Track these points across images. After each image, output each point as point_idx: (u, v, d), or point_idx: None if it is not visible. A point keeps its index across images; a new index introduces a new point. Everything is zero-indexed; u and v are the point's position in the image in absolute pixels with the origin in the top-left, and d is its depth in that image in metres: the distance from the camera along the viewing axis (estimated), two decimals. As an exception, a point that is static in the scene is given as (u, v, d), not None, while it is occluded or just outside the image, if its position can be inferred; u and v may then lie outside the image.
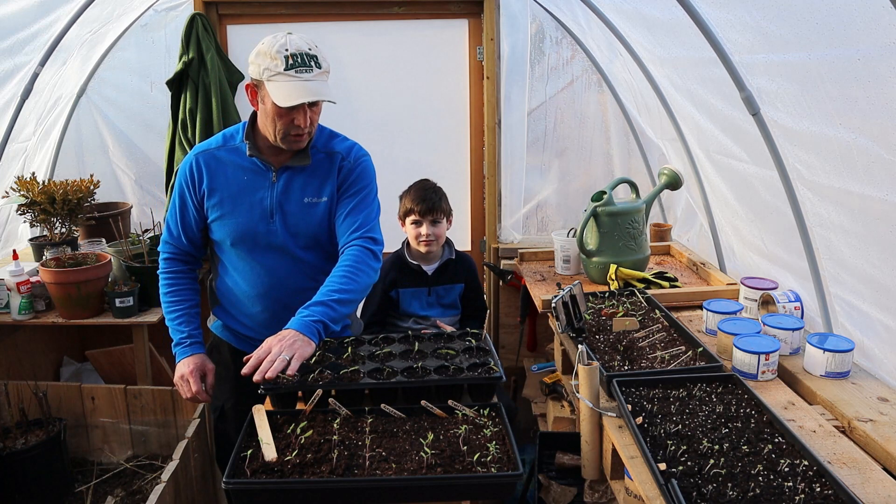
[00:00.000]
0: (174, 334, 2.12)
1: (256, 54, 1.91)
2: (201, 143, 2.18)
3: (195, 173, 2.07)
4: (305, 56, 1.87)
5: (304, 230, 2.08)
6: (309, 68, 1.87)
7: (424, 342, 2.04)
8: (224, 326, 2.24)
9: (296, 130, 1.94)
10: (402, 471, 1.48)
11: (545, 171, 3.61)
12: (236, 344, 2.21)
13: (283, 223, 2.06)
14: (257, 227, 2.05)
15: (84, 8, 2.79)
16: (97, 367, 3.15)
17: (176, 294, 2.16)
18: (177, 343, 2.11)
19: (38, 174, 3.14)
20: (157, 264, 2.79)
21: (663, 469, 1.35)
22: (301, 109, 1.90)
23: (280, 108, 1.88)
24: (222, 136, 2.14)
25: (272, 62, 1.86)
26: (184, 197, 2.10)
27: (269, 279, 2.10)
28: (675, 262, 3.01)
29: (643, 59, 2.87)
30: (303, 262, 2.11)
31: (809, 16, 1.63)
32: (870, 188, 1.69)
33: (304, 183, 2.07)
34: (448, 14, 3.47)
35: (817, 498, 1.26)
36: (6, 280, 2.67)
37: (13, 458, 2.46)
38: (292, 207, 2.06)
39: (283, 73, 1.85)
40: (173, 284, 2.16)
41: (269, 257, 2.09)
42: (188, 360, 2.08)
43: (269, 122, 1.95)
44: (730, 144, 2.41)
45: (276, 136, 1.97)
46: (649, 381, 1.72)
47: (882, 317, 1.82)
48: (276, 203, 2.05)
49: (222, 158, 2.07)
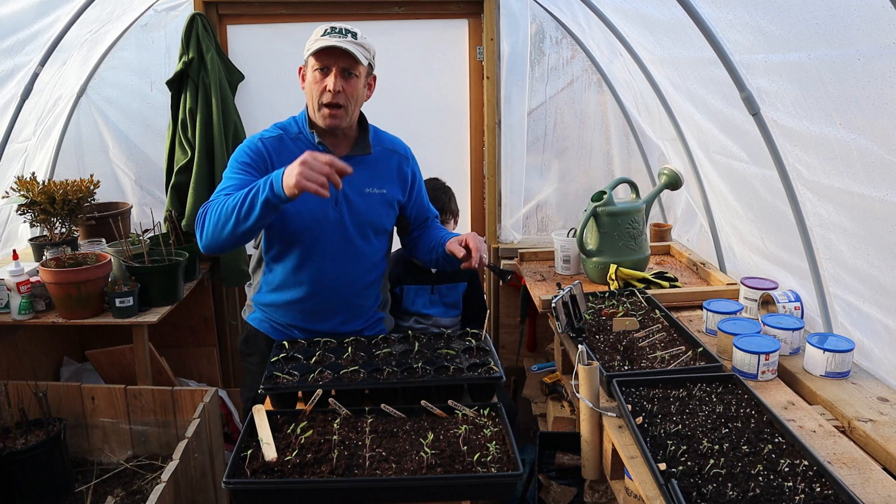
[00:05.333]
0: (251, 189, 1.81)
1: (307, 41, 2.04)
2: (256, 133, 2.14)
3: (264, 154, 2.06)
4: (345, 29, 2.01)
5: (367, 219, 2.13)
6: (343, 36, 1.98)
7: (424, 342, 2.04)
8: (264, 318, 2.24)
9: (326, 96, 1.99)
10: (402, 471, 1.48)
11: (545, 171, 3.61)
12: (273, 335, 2.22)
13: (348, 210, 2.10)
14: (324, 214, 2.08)
15: (84, 8, 2.79)
16: (97, 367, 3.15)
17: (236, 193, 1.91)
18: (262, 181, 1.80)
19: (38, 174, 3.14)
20: (158, 264, 2.82)
21: (663, 469, 1.35)
22: (332, 73, 1.99)
23: (315, 73, 2.00)
24: (277, 127, 2.14)
25: (316, 35, 2.01)
26: (249, 170, 2.02)
27: (327, 268, 2.11)
28: (675, 262, 3.01)
29: (643, 59, 2.87)
30: (361, 252, 2.15)
31: (809, 16, 1.63)
32: (870, 188, 1.69)
33: (366, 173, 2.13)
34: (448, 14, 3.47)
35: (817, 498, 1.26)
36: (6, 280, 2.67)
37: (13, 458, 2.45)
38: (355, 196, 2.11)
39: (321, 38, 1.99)
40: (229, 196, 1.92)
41: (330, 245, 2.11)
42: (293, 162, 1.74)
43: (308, 93, 2.05)
44: (730, 144, 2.41)
45: (314, 110, 2.04)
46: (649, 381, 1.72)
47: (882, 317, 1.82)
48: (341, 191, 2.07)
49: (287, 146, 2.09)
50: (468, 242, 2.04)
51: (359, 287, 2.16)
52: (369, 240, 2.16)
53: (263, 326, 2.25)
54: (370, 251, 2.17)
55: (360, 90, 2.05)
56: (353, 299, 2.18)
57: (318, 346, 2.02)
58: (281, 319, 2.22)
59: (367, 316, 2.26)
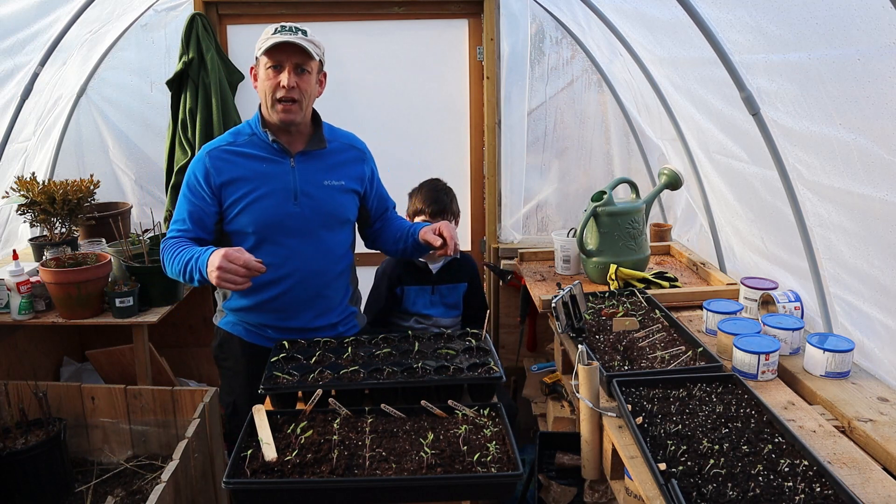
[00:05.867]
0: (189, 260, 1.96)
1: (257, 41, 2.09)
2: (209, 142, 2.21)
3: (209, 169, 2.11)
4: (294, 27, 2.06)
5: (329, 210, 2.17)
6: (294, 33, 2.04)
7: (424, 342, 2.04)
8: (237, 321, 2.25)
9: (281, 92, 2.03)
10: (402, 471, 1.48)
11: (545, 171, 3.61)
12: (247, 337, 2.23)
13: (309, 204, 2.14)
14: (283, 210, 2.11)
15: (84, 8, 2.79)
16: (97, 367, 3.15)
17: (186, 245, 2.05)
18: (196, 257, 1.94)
19: (38, 174, 3.14)
20: (158, 264, 2.81)
21: (663, 469, 1.35)
22: (285, 70, 2.03)
23: (267, 71, 2.05)
24: (230, 134, 2.20)
25: (266, 35, 2.06)
26: (198, 194, 2.11)
27: (293, 262, 2.14)
28: (675, 262, 3.01)
29: (643, 59, 2.87)
30: (327, 244, 2.19)
31: (809, 16, 1.63)
32: (870, 188, 1.69)
33: (323, 167, 2.18)
34: (448, 14, 3.47)
35: (817, 498, 1.26)
36: (6, 280, 2.67)
37: (13, 458, 2.45)
38: (315, 190, 2.15)
39: (272, 37, 2.04)
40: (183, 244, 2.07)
41: (294, 240, 2.14)
42: (217, 252, 1.88)
43: (261, 91, 2.09)
44: (730, 144, 2.41)
45: (268, 108, 2.09)
46: (649, 381, 1.72)
47: (882, 317, 1.82)
48: (298, 186, 2.13)
49: (236, 152, 2.13)
50: (442, 231, 2.13)
51: (327, 279, 2.20)
52: (333, 230, 2.21)
53: (236, 329, 2.26)
54: (335, 242, 2.22)
55: (312, 85, 2.11)
56: (323, 291, 2.21)
57: (318, 346, 2.03)
58: (253, 321, 2.23)
59: (339, 310, 2.28)
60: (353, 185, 2.24)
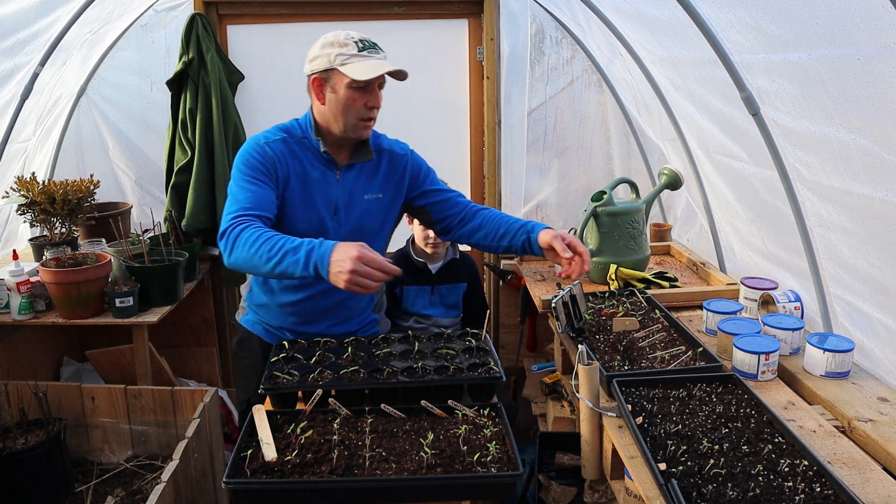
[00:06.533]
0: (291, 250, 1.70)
1: (322, 46, 1.95)
2: (258, 134, 2.05)
3: (276, 159, 1.98)
4: (371, 42, 1.96)
5: (364, 224, 2.11)
6: (377, 51, 1.96)
7: (424, 342, 2.04)
8: (257, 320, 2.24)
9: (368, 114, 1.96)
10: (402, 471, 1.48)
11: (545, 171, 3.61)
12: (266, 338, 2.22)
13: (345, 218, 2.08)
14: (322, 223, 2.05)
15: (84, 8, 2.79)
16: (97, 367, 3.15)
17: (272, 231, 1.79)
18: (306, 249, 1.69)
19: (38, 174, 3.14)
20: (158, 264, 2.82)
21: (663, 469, 1.35)
22: (374, 90, 1.95)
23: (354, 91, 1.92)
24: (280, 130, 2.06)
25: (343, 48, 1.91)
26: (263, 179, 1.95)
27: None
28: (675, 262, 3.01)
29: (643, 59, 2.87)
30: None
31: (809, 16, 1.63)
32: (870, 188, 1.69)
33: (365, 179, 2.11)
34: (448, 14, 3.47)
35: (817, 498, 1.26)
36: (6, 280, 2.67)
37: (13, 458, 2.45)
38: (355, 204, 2.09)
39: (358, 55, 1.91)
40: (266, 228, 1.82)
41: None
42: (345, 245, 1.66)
43: (340, 110, 1.96)
44: (730, 144, 2.41)
45: (344, 126, 1.98)
46: (649, 381, 1.72)
47: (882, 317, 1.82)
48: (342, 199, 2.06)
49: (293, 150, 2.03)
50: (575, 245, 1.95)
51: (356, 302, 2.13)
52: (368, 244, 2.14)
53: (256, 329, 2.25)
54: None
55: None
56: (347, 301, 2.18)
57: (318, 346, 2.02)
58: (273, 322, 2.22)
59: (360, 318, 2.25)
60: (393, 194, 2.17)
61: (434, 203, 2.20)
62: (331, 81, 1.95)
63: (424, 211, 2.22)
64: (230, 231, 1.82)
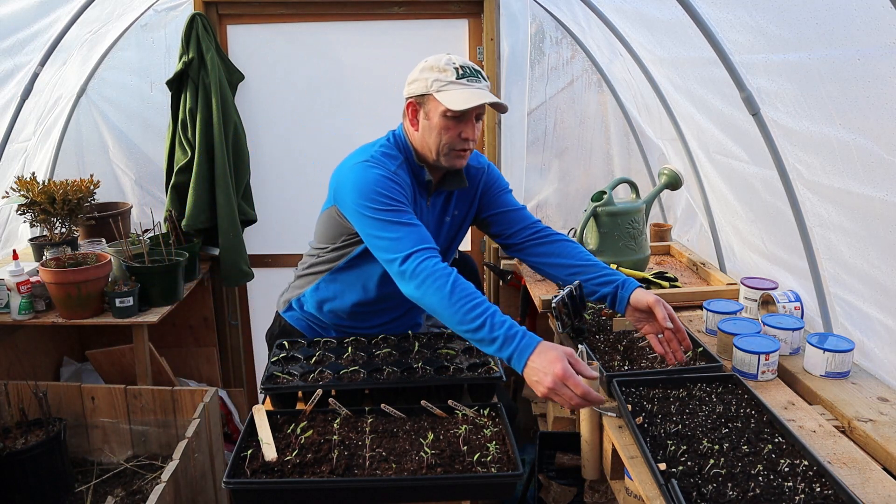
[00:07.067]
0: (496, 326, 1.59)
1: (421, 70, 1.89)
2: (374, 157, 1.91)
3: (403, 186, 1.88)
4: (472, 69, 1.87)
5: (442, 246, 2.06)
6: (478, 79, 1.86)
7: (424, 342, 2.04)
8: (301, 316, 2.21)
9: (462, 144, 1.88)
10: (402, 471, 1.48)
11: (545, 171, 3.61)
12: (309, 333, 2.20)
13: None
14: None
15: (84, 8, 2.79)
16: (97, 367, 3.15)
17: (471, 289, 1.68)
18: (509, 337, 1.58)
19: (38, 174, 3.14)
20: (158, 264, 2.82)
21: (663, 469, 1.35)
22: (469, 121, 1.87)
23: (448, 120, 1.85)
24: (384, 155, 1.93)
25: (442, 74, 1.84)
26: (408, 207, 1.86)
27: (386, 288, 2.00)
28: (675, 262, 3.01)
29: (643, 59, 2.87)
30: None
31: (809, 16, 1.63)
32: (870, 188, 1.69)
33: (445, 200, 2.07)
34: (448, 14, 3.46)
35: (817, 498, 1.26)
36: (6, 280, 2.67)
37: (13, 458, 2.45)
38: (440, 227, 2.07)
39: (455, 83, 1.83)
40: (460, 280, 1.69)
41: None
42: (550, 351, 1.53)
43: (434, 137, 1.89)
44: (730, 144, 2.41)
45: (438, 153, 1.90)
46: (649, 382, 1.72)
47: (882, 317, 1.82)
48: (430, 225, 2.02)
49: (401, 175, 1.92)
50: (676, 321, 1.78)
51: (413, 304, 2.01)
52: None
53: (300, 325, 2.22)
54: None
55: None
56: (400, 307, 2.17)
57: (319, 346, 2.03)
58: (324, 320, 2.19)
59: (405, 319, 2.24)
60: (466, 210, 2.13)
61: (494, 215, 2.15)
62: (425, 107, 1.89)
63: (486, 223, 2.18)
64: (422, 260, 1.70)
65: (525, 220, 2.15)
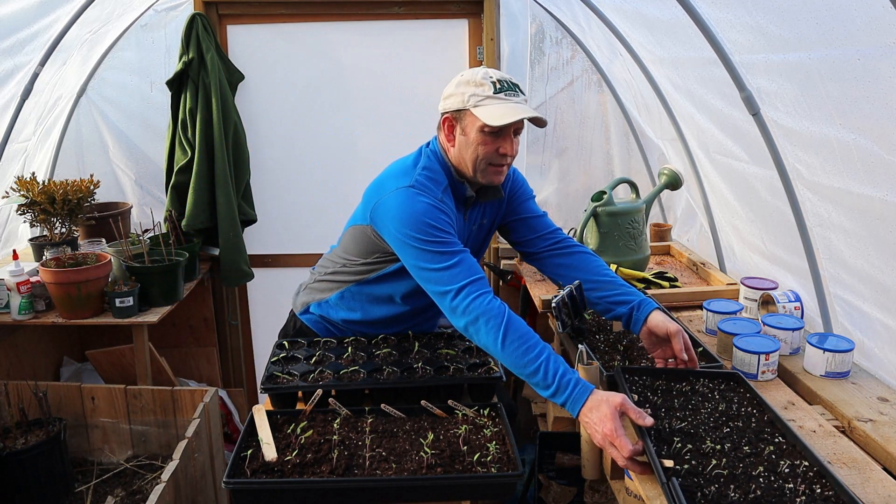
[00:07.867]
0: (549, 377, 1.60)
1: (457, 85, 1.84)
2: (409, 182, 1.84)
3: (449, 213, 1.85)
4: (510, 83, 1.83)
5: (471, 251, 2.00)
6: (516, 94, 1.83)
7: (424, 342, 2.04)
8: (319, 319, 2.18)
9: (499, 160, 1.85)
10: (402, 471, 1.48)
11: (545, 171, 3.61)
12: (325, 335, 2.17)
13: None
14: None
15: (84, 8, 2.79)
16: (97, 367, 3.15)
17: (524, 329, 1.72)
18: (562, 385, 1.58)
19: (38, 174, 3.14)
20: (158, 264, 2.82)
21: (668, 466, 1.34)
22: (507, 136, 1.83)
23: (486, 135, 1.80)
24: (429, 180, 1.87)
25: (479, 88, 1.80)
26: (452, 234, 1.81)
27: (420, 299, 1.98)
28: (675, 262, 3.01)
29: (643, 59, 2.87)
30: None
31: (809, 16, 1.63)
32: (870, 188, 1.69)
33: (481, 211, 2.06)
34: (448, 14, 3.47)
35: (818, 499, 1.26)
36: (6, 280, 2.67)
37: (13, 458, 2.45)
38: (468, 237, 2.04)
39: (493, 97, 1.79)
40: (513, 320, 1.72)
41: None
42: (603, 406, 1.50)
43: (471, 152, 1.84)
44: (730, 144, 2.42)
45: (475, 169, 1.86)
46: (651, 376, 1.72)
47: (882, 317, 1.82)
48: (464, 235, 2.00)
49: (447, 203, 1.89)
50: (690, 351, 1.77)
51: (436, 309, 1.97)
52: None
53: (318, 327, 2.19)
54: None
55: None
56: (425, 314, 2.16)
57: (318, 346, 2.03)
58: (344, 327, 2.17)
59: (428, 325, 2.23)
60: (493, 217, 2.10)
61: (515, 221, 2.13)
62: (462, 122, 1.84)
63: (507, 229, 2.16)
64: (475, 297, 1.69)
65: (546, 228, 2.12)
